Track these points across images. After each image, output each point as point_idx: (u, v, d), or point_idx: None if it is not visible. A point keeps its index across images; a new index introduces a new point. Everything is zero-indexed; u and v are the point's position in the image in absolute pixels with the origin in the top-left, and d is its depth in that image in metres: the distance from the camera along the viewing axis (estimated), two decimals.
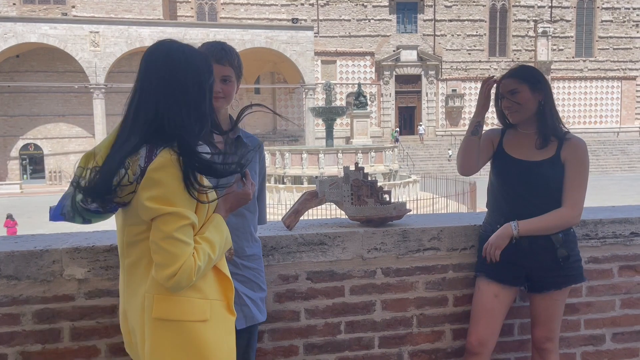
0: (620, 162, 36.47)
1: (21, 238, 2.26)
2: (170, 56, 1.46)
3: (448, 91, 38.52)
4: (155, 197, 1.38)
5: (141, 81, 1.47)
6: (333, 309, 2.34)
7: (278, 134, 36.12)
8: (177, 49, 1.48)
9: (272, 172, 19.08)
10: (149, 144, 1.43)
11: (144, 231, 1.45)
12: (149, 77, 1.45)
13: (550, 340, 2.30)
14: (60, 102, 32.66)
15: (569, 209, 2.18)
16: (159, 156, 1.40)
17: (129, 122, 1.47)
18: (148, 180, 1.39)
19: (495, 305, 2.27)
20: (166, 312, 1.45)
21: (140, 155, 1.41)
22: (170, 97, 1.44)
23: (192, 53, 1.50)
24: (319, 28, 37.84)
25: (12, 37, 28.20)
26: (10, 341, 2.04)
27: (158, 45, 1.50)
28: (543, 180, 2.20)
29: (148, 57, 1.48)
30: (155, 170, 1.39)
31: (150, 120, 1.43)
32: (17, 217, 15.25)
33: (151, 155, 1.41)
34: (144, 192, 1.39)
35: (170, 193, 1.39)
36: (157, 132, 1.43)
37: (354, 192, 2.38)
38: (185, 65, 1.47)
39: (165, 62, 1.46)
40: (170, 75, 1.44)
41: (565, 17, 41.17)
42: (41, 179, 32.80)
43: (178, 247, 1.38)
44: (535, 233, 2.19)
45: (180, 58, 1.47)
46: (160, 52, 1.47)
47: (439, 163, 34.05)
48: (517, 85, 2.22)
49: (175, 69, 1.45)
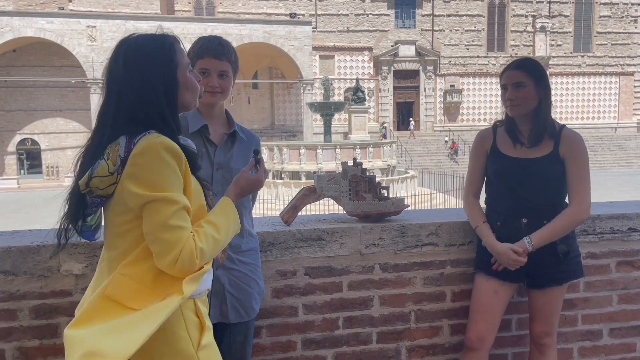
0: (617, 157, 36.52)
1: (18, 233, 2.25)
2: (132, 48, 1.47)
3: (446, 86, 38.48)
4: (142, 182, 1.36)
5: (108, 75, 1.48)
6: (331, 304, 2.35)
7: (276, 129, 36.07)
8: (135, 42, 1.49)
9: (270, 168, 19.05)
10: (127, 135, 1.40)
11: (131, 220, 1.41)
12: (115, 70, 1.46)
13: (549, 335, 2.31)
14: (57, 97, 32.55)
15: (577, 205, 2.17)
16: (141, 141, 1.38)
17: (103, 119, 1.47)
18: (132, 166, 1.37)
19: (495, 302, 2.27)
20: (113, 290, 1.39)
21: (120, 145, 1.39)
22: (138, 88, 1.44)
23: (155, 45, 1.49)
24: (317, 23, 37.74)
25: (8, 32, 28.05)
26: (7, 337, 2.03)
27: (126, 38, 1.51)
28: (542, 177, 2.19)
29: (114, 51, 1.49)
30: (139, 155, 1.36)
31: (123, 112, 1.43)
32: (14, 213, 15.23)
33: (130, 145, 1.38)
34: (129, 179, 1.37)
35: (157, 177, 1.36)
36: (132, 122, 1.42)
37: (352, 187, 2.38)
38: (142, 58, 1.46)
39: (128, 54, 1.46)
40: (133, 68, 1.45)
41: (563, 13, 41.14)
42: (38, 174, 32.72)
43: (174, 233, 1.35)
44: (550, 241, 2.17)
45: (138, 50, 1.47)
46: (125, 45, 1.48)
47: (437, 158, 34.06)
48: (524, 79, 2.19)
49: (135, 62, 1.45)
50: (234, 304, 1.96)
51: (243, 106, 35.41)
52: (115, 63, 1.47)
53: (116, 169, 1.38)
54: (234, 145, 2.02)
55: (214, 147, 1.99)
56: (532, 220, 2.20)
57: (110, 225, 1.48)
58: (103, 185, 1.39)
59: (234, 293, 1.96)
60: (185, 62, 1.52)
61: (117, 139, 1.40)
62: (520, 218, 2.22)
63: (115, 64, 1.47)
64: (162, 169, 1.37)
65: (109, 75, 1.48)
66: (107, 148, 1.40)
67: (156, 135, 1.40)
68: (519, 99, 2.19)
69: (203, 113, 2.01)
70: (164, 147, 1.37)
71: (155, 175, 1.36)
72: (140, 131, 1.41)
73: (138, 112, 1.43)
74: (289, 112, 36.56)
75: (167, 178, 1.37)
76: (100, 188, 1.39)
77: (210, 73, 1.94)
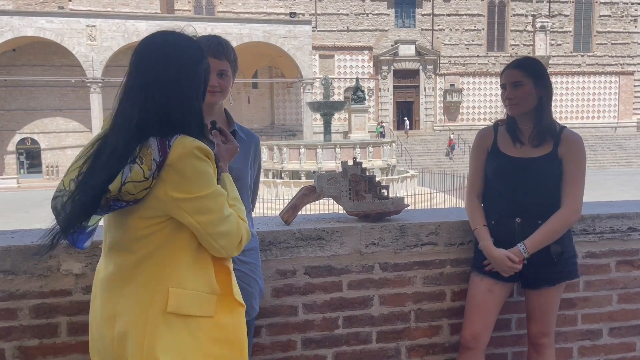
0: (617, 157, 36.51)
1: (18, 233, 2.25)
2: (166, 47, 1.43)
3: (446, 86, 38.46)
4: (185, 187, 1.37)
5: (135, 75, 1.42)
6: (331, 303, 2.35)
7: (276, 128, 36.07)
8: (172, 41, 1.45)
9: (269, 167, 19.05)
10: (158, 137, 1.36)
11: (157, 223, 1.41)
12: (144, 71, 1.41)
13: (545, 336, 2.30)
14: (57, 97, 32.53)
15: (568, 207, 2.17)
16: (176, 146, 1.35)
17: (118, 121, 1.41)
18: (174, 173, 1.35)
19: (489, 300, 2.27)
20: (179, 306, 1.41)
21: (152, 148, 1.34)
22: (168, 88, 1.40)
23: (188, 44, 1.47)
24: (316, 22, 37.72)
25: (8, 31, 28.03)
26: (7, 336, 2.03)
27: (152, 37, 1.46)
28: (539, 176, 2.19)
29: (142, 49, 1.44)
30: (178, 160, 1.35)
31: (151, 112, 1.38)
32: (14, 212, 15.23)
33: (165, 148, 1.34)
34: (171, 185, 1.36)
35: (200, 178, 1.38)
36: (162, 124, 1.38)
37: (352, 187, 2.37)
38: (180, 58, 1.43)
39: (161, 53, 1.42)
40: (166, 67, 1.41)
41: (563, 12, 41.12)
42: (38, 173, 32.71)
43: (231, 221, 1.45)
44: (543, 244, 2.17)
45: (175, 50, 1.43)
46: (155, 43, 1.43)
47: (437, 158, 34.06)
48: (522, 77, 2.18)
49: (169, 62, 1.41)
50: None
51: (243, 106, 35.40)
52: (145, 62, 1.41)
53: (151, 174, 1.34)
54: None
55: (212, 146, 1.99)
56: (526, 220, 2.20)
57: (129, 228, 1.43)
58: (136, 191, 1.34)
59: None
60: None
61: (146, 140, 1.36)
62: (515, 217, 2.22)
63: (146, 63, 1.41)
64: (202, 169, 1.39)
65: (135, 73, 1.42)
66: (137, 151, 1.35)
67: (189, 138, 1.39)
68: (517, 98, 2.19)
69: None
70: (198, 149, 1.38)
71: (198, 176, 1.38)
72: (170, 133, 1.38)
73: (174, 115, 1.40)
74: (289, 111, 36.55)
75: (208, 176, 1.40)
76: (132, 193, 1.35)
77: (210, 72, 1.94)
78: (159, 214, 1.40)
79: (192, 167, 1.37)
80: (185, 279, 1.43)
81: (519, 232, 2.20)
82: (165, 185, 1.36)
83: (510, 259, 2.16)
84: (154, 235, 1.42)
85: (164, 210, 1.40)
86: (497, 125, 2.35)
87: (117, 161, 1.35)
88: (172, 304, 1.40)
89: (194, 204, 1.39)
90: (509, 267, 2.17)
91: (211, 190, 1.40)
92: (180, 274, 1.43)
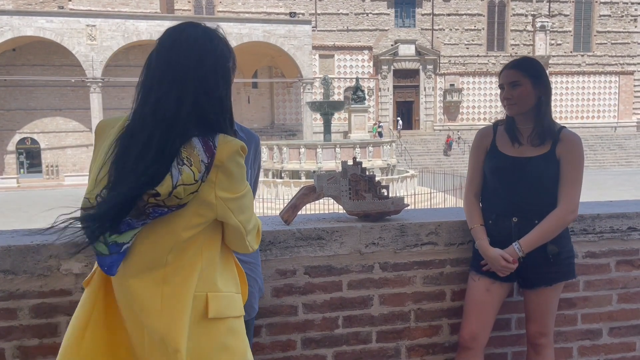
0: (617, 156, 36.52)
1: (18, 232, 2.25)
2: (198, 41, 1.35)
3: (446, 86, 38.47)
4: (232, 187, 1.35)
5: (164, 68, 1.32)
6: (331, 303, 2.35)
7: (276, 128, 36.07)
8: (205, 34, 1.37)
9: (269, 167, 19.06)
10: (200, 136, 1.29)
11: (202, 229, 1.35)
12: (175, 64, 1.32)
13: (544, 336, 2.30)
14: (57, 96, 32.53)
15: (564, 207, 2.16)
16: (222, 146, 1.30)
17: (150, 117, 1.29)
18: (223, 174, 1.31)
19: (487, 300, 2.27)
20: (219, 310, 1.38)
21: (197, 149, 1.27)
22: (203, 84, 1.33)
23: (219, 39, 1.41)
24: (316, 22, 37.72)
25: (8, 31, 28.03)
26: (7, 336, 2.03)
27: (182, 28, 1.37)
28: (537, 176, 2.18)
29: (170, 41, 1.35)
30: (228, 161, 1.31)
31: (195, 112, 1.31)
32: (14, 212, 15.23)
33: (212, 149, 1.28)
34: (220, 187, 1.31)
35: (243, 176, 1.38)
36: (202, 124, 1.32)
37: (352, 186, 2.38)
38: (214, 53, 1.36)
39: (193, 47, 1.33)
40: (199, 62, 1.33)
41: (563, 12, 41.12)
42: (38, 173, 32.71)
43: (255, 217, 1.47)
44: (539, 244, 2.17)
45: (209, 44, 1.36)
46: (187, 37, 1.35)
47: (437, 158, 34.07)
48: (520, 77, 2.18)
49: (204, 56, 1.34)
50: None
51: (243, 105, 35.40)
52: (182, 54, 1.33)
53: (201, 177, 1.26)
54: None
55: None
56: (523, 220, 2.20)
57: (165, 240, 1.32)
58: (184, 194, 1.26)
59: None
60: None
61: (188, 140, 1.28)
62: (511, 217, 2.22)
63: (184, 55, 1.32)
64: (243, 169, 1.37)
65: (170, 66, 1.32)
66: (182, 152, 1.26)
67: (230, 137, 1.34)
68: (515, 98, 2.19)
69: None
70: (242, 148, 1.35)
71: (241, 176, 1.37)
72: (210, 132, 1.32)
73: (211, 112, 1.34)
74: (289, 111, 36.56)
75: (244, 175, 1.39)
76: (179, 197, 1.25)
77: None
78: (206, 220, 1.34)
79: (238, 166, 1.34)
80: (219, 282, 1.40)
81: (516, 231, 2.20)
82: (214, 187, 1.30)
83: (505, 258, 2.16)
84: (193, 242, 1.34)
85: (214, 213, 1.33)
86: (497, 125, 2.35)
87: (163, 162, 1.24)
88: (213, 309, 1.36)
89: (238, 203, 1.36)
90: (503, 267, 2.17)
91: (248, 188, 1.40)
92: (215, 278, 1.39)
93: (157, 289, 1.34)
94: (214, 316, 1.36)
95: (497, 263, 2.18)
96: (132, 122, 1.33)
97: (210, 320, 1.37)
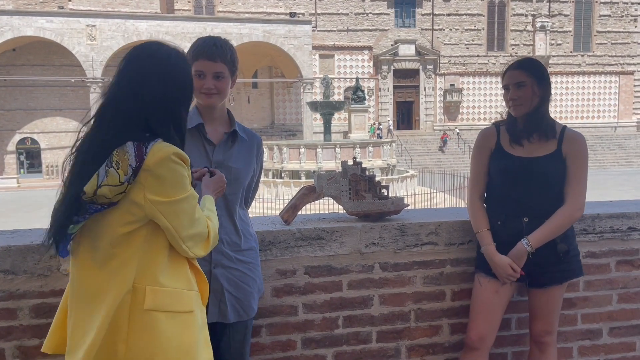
0: (617, 156, 36.51)
1: (18, 232, 2.25)
2: (155, 56, 1.49)
3: (446, 86, 38.46)
4: (162, 191, 1.42)
5: (122, 79, 1.46)
6: (331, 303, 2.35)
7: (276, 128, 36.07)
8: (164, 50, 1.52)
9: (269, 167, 19.05)
10: (136, 142, 1.40)
11: (138, 226, 1.45)
12: (132, 75, 1.46)
13: (549, 334, 2.31)
14: (57, 96, 32.54)
15: (571, 204, 2.18)
16: (154, 151, 1.40)
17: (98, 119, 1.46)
18: (151, 178, 1.40)
19: (496, 302, 2.27)
20: (157, 303, 1.45)
21: (129, 153, 1.38)
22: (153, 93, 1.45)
23: (177, 55, 1.54)
24: (316, 22, 37.73)
25: (8, 31, 28.03)
26: (7, 336, 2.03)
27: (144, 45, 1.52)
28: (545, 176, 2.19)
29: (132, 55, 1.49)
30: (156, 166, 1.40)
31: (132, 117, 1.43)
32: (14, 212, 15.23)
33: (141, 154, 1.39)
34: (150, 190, 1.41)
35: (176, 182, 1.43)
36: (140, 129, 1.43)
37: (352, 186, 2.37)
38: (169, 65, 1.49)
39: (150, 61, 1.48)
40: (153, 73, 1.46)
41: (563, 12, 41.12)
42: (38, 173, 32.70)
43: (201, 224, 1.51)
44: (547, 240, 2.18)
45: (164, 58, 1.50)
46: (146, 51, 1.49)
47: (437, 158, 34.05)
48: (526, 78, 2.19)
49: (159, 68, 1.47)
50: (233, 303, 1.97)
51: (243, 105, 35.39)
52: (133, 68, 1.47)
53: (127, 179, 1.38)
54: (234, 144, 2.02)
55: (212, 146, 1.99)
56: (534, 220, 2.20)
57: (107, 233, 1.45)
58: (111, 194, 1.39)
59: (232, 292, 1.97)
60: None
61: (123, 144, 1.39)
62: (522, 217, 2.22)
63: (134, 69, 1.47)
64: (178, 174, 1.44)
65: (122, 78, 1.46)
66: (114, 154, 1.38)
67: (165, 144, 1.43)
68: (521, 99, 2.20)
69: (203, 113, 2.01)
70: (175, 154, 1.43)
71: (174, 181, 1.43)
72: (148, 138, 1.42)
73: (153, 120, 1.44)
74: (289, 111, 36.55)
75: (183, 180, 1.45)
76: (107, 197, 1.39)
77: (205, 75, 1.93)
78: (138, 218, 1.44)
79: (170, 172, 1.42)
80: (163, 277, 1.47)
81: (527, 232, 2.20)
82: (143, 189, 1.41)
83: (513, 268, 2.18)
84: (132, 238, 1.45)
85: (143, 213, 1.43)
86: (499, 125, 2.35)
87: (94, 163, 1.40)
88: (149, 301, 1.44)
89: (172, 208, 1.44)
90: (509, 275, 2.18)
91: (187, 194, 1.46)
92: (158, 273, 1.47)
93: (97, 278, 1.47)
94: (150, 308, 1.44)
95: (504, 271, 2.19)
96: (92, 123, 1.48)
97: (148, 312, 1.43)
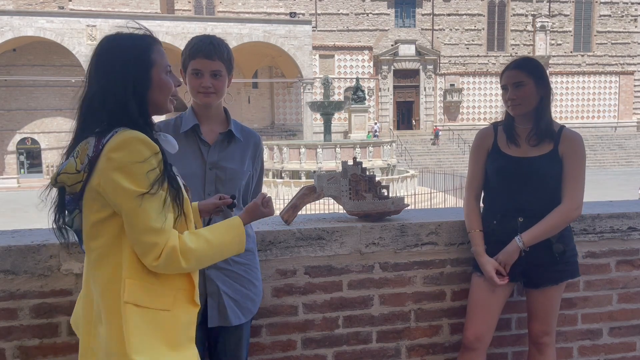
0: (617, 156, 36.50)
1: (18, 232, 2.25)
2: (104, 47, 1.48)
3: (446, 86, 38.46)
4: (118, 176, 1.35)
5: (86, 75, 1.50)
6: (331, 303, 2.35)
7: (276, 128, 36.06)
8: (113, 39, 1.48)
9: (270, 167, 19.05)
10: (97, 136, 1.40)
11: (105, 218, 1.42)
12: (90, 69, 1.48)
13: (547, 334, 2.31)
14: (57, 96, 32.52)
15: (568, 203, 2.17)
16: (114, 137, 1.37)
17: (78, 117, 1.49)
18: (108, 162, 1.36)
19: (492, 301, 2.27)
20: (135, 297, 1.43)
21: (90, 144, 1.40)
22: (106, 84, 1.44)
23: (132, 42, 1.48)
24: (317, 22, 37.72)
25: (8, 31, 28.03)
26: (7, 336, 2.03)
27: (100, 40, 1.52)
28: (541, 176, 2.19)
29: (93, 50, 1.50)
30: (114, 150, 1.36)
31: (94, 109, 1.44)
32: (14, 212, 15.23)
33: (99, 145, 1.38)
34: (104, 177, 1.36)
35: (135, 172, 1.35)
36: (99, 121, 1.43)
37: (352, 186, 2.38)
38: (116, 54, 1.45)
39: (101, 53, 1.47)
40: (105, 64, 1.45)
41: (563, 12, 41.11)
42: (38, 173, 32.70)
43: (152, 235, 1.37)
44: (541, 239, 2.18)
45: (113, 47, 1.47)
46: (97, 48, 1.49)
47: (437, 158, 34.05)
48: (524, 78, 2.19)
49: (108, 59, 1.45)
50: (231, 305, 1.96)
51: (243, 105, 35.39)
52: (91, 60, 1.49)
53: (83, 168, 1.39)
54: (230, 144, 2.01)
55: (207, 146, 1.98)
56: (529, 220, 2.20)
57: (85, 227, 1.46)
58: (70, 182, 1.41)
59: (229, 293, 1.95)
60: (163, 64, 1.50)
61: (88, 137, 1.42)
62: (517, 217, 2.22)
63: (91, 60, 1.48)
64: (138, 163, 1.36)
65: (86, 75, 1.50)
66: (78, 146, 1.42)
67: (130, 130, 1.39)
68: (520, 99, 2.19)
69: (199, 113, 2.01)
70: (138, 140, 1.37)
71: (132, 170, 1.35)
72: (109, 130, 1.41)
73: (102, 108, 1.43)
74: (289, 111, 36.54)
75: (144, 173, 1.36)
76: (68, 185, 1.42)
77: (203, 73, 1.92)
78: (102, 204, 1.40)
79: (126, 159, 1.35)
80: (143, 272, 1.44)
81: (522, 231, 2.20)
82: (99, 176, 1.37)
83: (499, 271, 2.21)
84: (106, 229, 1.43)
85: (105, 200, 1.39)
86: (496, 125, 2.35)
87: (66, 153, 1.46)
88: (128, 294, 1.42)
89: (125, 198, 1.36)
90: (491, 278, 2.20)
91: (144, 191, 1.35)
92: (140, 267, 1.44)
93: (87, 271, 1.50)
94: (127, 301, 1.41)
95: (487, 274, 2.22)
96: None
97: (125, 305, 1.41)
